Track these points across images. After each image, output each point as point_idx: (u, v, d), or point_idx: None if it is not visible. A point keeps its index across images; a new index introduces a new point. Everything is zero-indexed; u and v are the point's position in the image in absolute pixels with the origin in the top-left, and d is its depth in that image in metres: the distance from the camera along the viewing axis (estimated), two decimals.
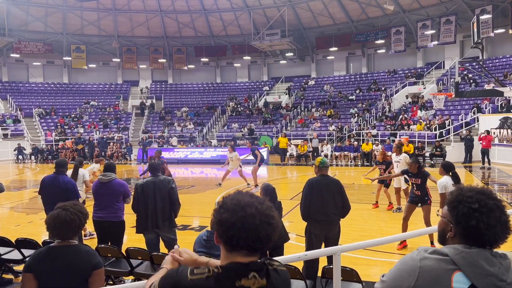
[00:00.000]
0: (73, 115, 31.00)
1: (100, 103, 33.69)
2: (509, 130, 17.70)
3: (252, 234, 1.47)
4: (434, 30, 28.17)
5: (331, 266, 3.38)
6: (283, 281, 1.57)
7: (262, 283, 1.49)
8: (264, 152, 21.51)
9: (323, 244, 5.09)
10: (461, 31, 27.18)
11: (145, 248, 5.09)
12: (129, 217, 5.81)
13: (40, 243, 4.92)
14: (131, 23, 34.65)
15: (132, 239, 6.50)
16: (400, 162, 9.11)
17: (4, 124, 28.08)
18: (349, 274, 3.72)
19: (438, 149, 18.30)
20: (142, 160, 22.46)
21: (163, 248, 5.45)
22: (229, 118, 30.83)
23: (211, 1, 32.45)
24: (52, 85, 35.51)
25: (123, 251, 4.74)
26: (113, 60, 36.18)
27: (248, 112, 30.90)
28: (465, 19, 25.97)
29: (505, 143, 17.83)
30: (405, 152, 10.56)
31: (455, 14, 27.27)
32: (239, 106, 32.29)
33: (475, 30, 11.51)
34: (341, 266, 3.33)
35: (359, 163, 19.87)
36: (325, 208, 4.93)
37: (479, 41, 11.55)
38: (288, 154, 21.67)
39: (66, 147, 25.24)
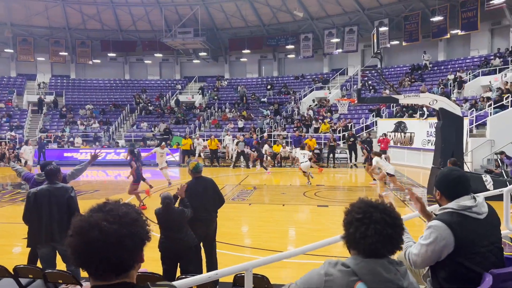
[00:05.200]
0: None
1: None
2: (402, 134, 19.54)
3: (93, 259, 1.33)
4: (338, 39, 30.04)
5: (243, 274, 3.31)
6: None
7: None
8: (176, 155, 21.05)
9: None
10: (362, 40, 29.37)
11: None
12: (19, 227, 5.15)
13: None
14: (28, 11, 31.33)
15: (26, 252, 5.79)
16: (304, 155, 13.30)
17: None
18: (260, 281, 3.68)
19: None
20: (39, 162, 20.41)
21: (60, 263, 4.92)
22: (139, 117, 29.52)
23: None
24: None
25: (10, 268, 4.16)
26: (6, 50, 32.41)
27: (159, 111, 29.91)
28: (366, 30, 28.11)
29: (399, 145, 19.64)
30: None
31: (357, 25, 29.39)
32: (149, 104, 31.10)
33: (375, 41, 12.45)
34: (253, 274, 3.28)
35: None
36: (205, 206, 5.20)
37: (379, 51, 12.52)
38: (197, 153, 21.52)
39: None
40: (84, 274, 1.37)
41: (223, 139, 22.90)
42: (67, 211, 4.79)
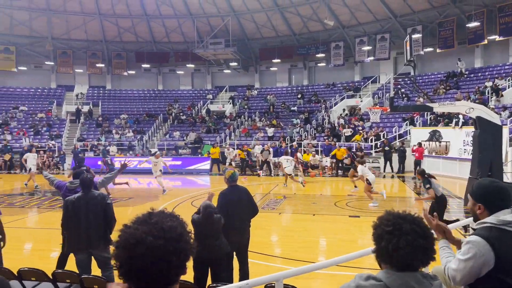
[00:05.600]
0: (0, 121, 28.65)
1: (31, 109, 31.47)
2: (437, 143, 18.98)
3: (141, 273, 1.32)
4: (370, 46, 29.68)
5: (273, 284, 3.30)
6: None
7: None
8: (207, 164, 21.41)
9: None
10: (395, 48, 28.88)
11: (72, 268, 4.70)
12: (57, 233, 5.36)
13: None
14: (67, 25, 32.85)
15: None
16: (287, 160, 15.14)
17: None
18: None
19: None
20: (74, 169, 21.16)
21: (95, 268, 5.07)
22: (171, 127, 30.15)
23: (153, 7, 31.71)
24: None
25: (48, 273, 4.32)
26: (46, 63, 34.02)
27: (191, 120, 30.43)
28: (398, 37, 27.65)
29: (434, 154, 19.08)
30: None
31: (389, 32, 28.95)
32: (181, 114, 31.71)
33: (408, 48, 12.22)
34: (284, 284, 3.27)
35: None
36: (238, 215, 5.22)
37: (412, 58, 12.27)
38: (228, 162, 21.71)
39: None
40: (118, 280, 1.41)
41: (253, 148, 23.02)
42: (103, 218, 4.94)
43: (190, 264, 1.42)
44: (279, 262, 6.79)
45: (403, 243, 1.70)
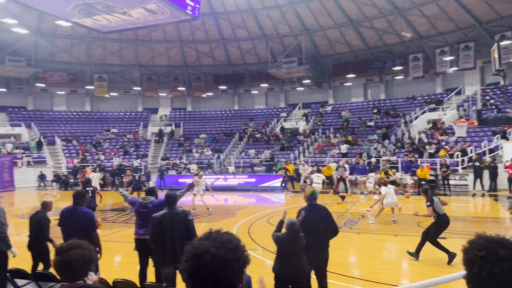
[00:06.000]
0: (94, 142, 31.64)
1: (121, 131, 34.35)
2: None
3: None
4: (453, 56, 27.99)
5: None
6: None
7: None
8: (278, 180, 21.58)
9: None
10: (481, 56, 26.93)
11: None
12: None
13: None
14: (152, 53, 35.64)
15: (151, 271, 6.41)
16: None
17: (27, 152, 28.78)
18: None
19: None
20: (160, 187, 22.55)
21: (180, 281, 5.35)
22: (247, 145, 30.90)
23: (229, 31, 33.19)
24: (74, 113, 36.46)
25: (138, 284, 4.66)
26: (134, 88, 37.07)
27: (265, 138, 30.94)
28: (484, 45, 25.75)
29: None
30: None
31: (474, 40, 27.10)
32: (256, 132, 32.40)
33: (496, 57, 11.33)
34: None
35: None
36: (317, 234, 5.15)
37: (501, 68, 11.34)
38: (303, 179, 21.59)
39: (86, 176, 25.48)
40: None
41: (328, 165, 22.64)
42: (186, 234, 5.22)
43: (272, 281, 1.51)
44: (360, 284, 6.59)
45: (498, 269, 1.58)
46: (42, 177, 25.74)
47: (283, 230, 5.00)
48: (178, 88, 37.43)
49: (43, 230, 6.22)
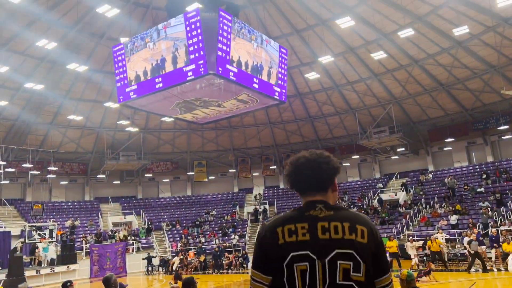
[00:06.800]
0: (196, 223, 33.19)
1: (219, 212, 35.72)
2: None
3: (300, 178, 2.02)
4: None
5: None
6: (354, 216, 1.96)
7: (328, 213, 1.93)
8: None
9: None
10: None
11: None
12: None
13: None
14: (244, 136, 37.79)
15: None
16: None
17: (137, 238, 31.10)
18: None
19: None
20: None
21: None
22: None
23: (315, 109, 34.14)
24: (178, 199, 39.15)
25: None
26: (230, 171, 39.03)
27: (363, 212, 29.64)
28: None
29: None
30: None
31: None
32: (352, 206, 31.29)
33: None
34: None
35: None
36: None
37: None
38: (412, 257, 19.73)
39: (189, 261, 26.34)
40: None
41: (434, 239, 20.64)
42: None
43: None
44: None
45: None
46: (149, 260, 27.12)
47: None
48: (270, 167, 38.52)
49: None
